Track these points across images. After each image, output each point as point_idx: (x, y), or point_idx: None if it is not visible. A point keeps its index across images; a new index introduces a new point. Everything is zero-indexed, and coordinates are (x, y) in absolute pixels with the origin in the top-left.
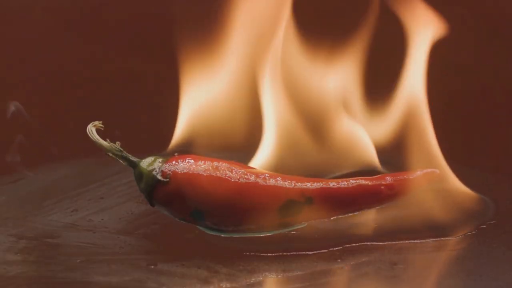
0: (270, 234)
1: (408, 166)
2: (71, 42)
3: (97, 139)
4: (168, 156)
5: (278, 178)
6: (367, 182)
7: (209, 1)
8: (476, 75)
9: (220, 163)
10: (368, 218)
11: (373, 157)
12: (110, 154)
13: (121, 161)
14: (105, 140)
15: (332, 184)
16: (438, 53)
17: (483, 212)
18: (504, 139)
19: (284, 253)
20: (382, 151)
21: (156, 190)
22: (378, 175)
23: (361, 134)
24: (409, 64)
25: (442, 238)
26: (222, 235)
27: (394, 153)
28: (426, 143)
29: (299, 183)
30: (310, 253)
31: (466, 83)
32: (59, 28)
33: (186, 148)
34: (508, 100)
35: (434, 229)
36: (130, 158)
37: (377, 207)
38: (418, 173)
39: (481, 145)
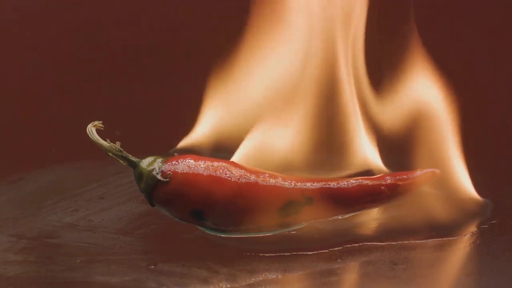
0: (270, 234)
1: (410, 165)
2: (71, 42)
3: (97, 139)
4: (168, 156)
5: (278, 178)
6: (367, 182)
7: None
8: (475, 75)
9: (220, 163)
10: (368, 218)
11: (374, 157)
12: (110, 154)
13: (121, 161)
14: (105, 140)
15: (332, 184)
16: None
17: (483, 212)
18: (504, 140)
19: (284, 253)
20: (382, 151)
21: (156, 190)
22: (378, 175)
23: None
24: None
25: (443, 238)
26: (222, 235)
27: (395, 153)
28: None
29: (299, 183)
30: (310, 253)
31: (466, 83)
32: (59, 27)
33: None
34: (508, 101)
35: (434, 229)
36: (130, 158)
37: (377, 207)
38: (418, 173)
39: (481, 146)
